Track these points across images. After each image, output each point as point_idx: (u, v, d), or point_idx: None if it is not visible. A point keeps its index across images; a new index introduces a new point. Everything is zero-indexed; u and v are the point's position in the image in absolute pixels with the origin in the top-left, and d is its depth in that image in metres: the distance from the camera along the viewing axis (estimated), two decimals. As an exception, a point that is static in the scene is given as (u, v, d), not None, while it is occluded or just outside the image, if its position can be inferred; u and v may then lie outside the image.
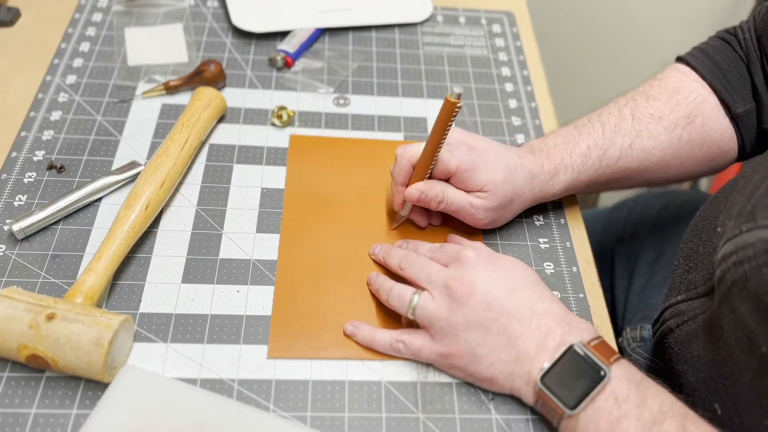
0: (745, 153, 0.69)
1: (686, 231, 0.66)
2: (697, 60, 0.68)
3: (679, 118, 0.66)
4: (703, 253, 0.58)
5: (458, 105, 0.57)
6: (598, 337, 0.52)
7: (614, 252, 0.86)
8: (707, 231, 0.59)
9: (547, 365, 0.50)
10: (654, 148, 0.65)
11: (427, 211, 0.66)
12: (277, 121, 0.74)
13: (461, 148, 0.61)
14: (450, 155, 0.60)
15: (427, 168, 0.61)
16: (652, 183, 0.70)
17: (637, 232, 0.85)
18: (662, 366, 0.62)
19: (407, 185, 0.62)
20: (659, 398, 0.48)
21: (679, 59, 0.70)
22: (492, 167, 0.60)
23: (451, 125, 0.58)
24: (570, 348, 0.50)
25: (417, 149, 0.61)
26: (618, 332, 0.75)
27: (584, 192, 0.69)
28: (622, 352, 0.71)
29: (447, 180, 0.62)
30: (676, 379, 0.57)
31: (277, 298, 0.60)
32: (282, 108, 0.75)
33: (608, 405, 0.48)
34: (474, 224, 0.64)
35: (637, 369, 0.51)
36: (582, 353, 0.50)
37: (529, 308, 0.53)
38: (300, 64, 0.82)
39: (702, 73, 0.67)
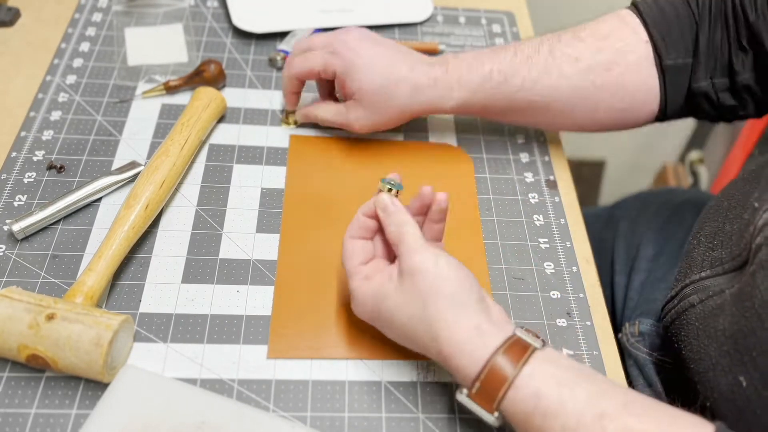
0: (666, 111, 0.68)
1: (702, 214, 0.65)
2: (645, 5, 0.67)
3: (597, 63, 0.65)
4: (730, 230, 0.58)
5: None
6: (492, 358, 0.48)
7: (614, 249, 0.86)
8: (735, 209, 0.58)
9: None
10: (561, 87, 0.66)
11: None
12: (286, 125, 0.75)
13: (337, 56, 0.66)
14: (330, 59, 0.67)
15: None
16: (556, 125, 0.71)
17: (636, 229, 0.86)
18: (672, 348, 0.62)
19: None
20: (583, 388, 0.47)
21: (632, 5, 0.69)
22: (367, 78, 0.65)
23: None
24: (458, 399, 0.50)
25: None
26: (618, 328, 0.76)
27: (483, 116, 0.71)
28: (622, 347, 0.71)
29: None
30: (692, 356, 0.57)
31: (276, 298, 0.60)
32: (289, 113, 0.75)
33: (528, 406, 0.47)
34: (352, 129, 0.70)
35: (556, 359, 0.49)
36: (468, 406, 0.49)
37: (425, 341, 0.52)
38: (300, 64, 0.82)
39: (644, 19, 0.66)
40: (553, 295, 0.63)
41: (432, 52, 0.85)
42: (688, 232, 0.73)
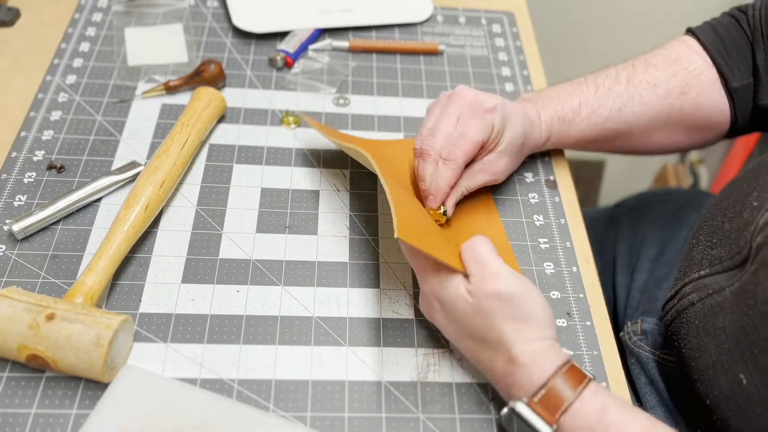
0: (737, 128, 0.71)
1: (703, 213, 0.66)
2: (703, 32, 0.70)
3: (673, 86, 0.68)
4: (729, 229, 0.58)
5: None
6: (559, 371, 0.50)
7: (616, 249, 0.87)
8: (734, 208, 0.59)
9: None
10: (643, 113, 0.68)
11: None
12: (286, 126, 0.75)
13: (489, 116, 0.62)
14: (490, 115, 0.62)
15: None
16: (638, 149, 0.73)
17: (638, 229, 0.86)
18: (673, 346, 0.63)
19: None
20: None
21: (688, 31, 0.72)
22: (515, 128, 0.64)
23: None
24: (512, 410, 0.50)
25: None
26: (619, 327, 0.76)
27: (570, 148, 0.73)
28: (624, 346, 0.71)
29: None
30: (692, 354, 0.58)
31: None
32: (289, 113, 0.75)
33: None
34: (494, 183, 0.66)
35: (606, 393, 0.50)
36: (524, 415, 0.49)
37: (477, 354, 0.54)
38: (300, 65, 0.82)
39: (705, 45, 0.69)
40: (553, 295, 0.63)
41: (432, 53, 0.85)
42: (689, 231, 0.73)
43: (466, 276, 0.52)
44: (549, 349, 0.51)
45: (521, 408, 0.49)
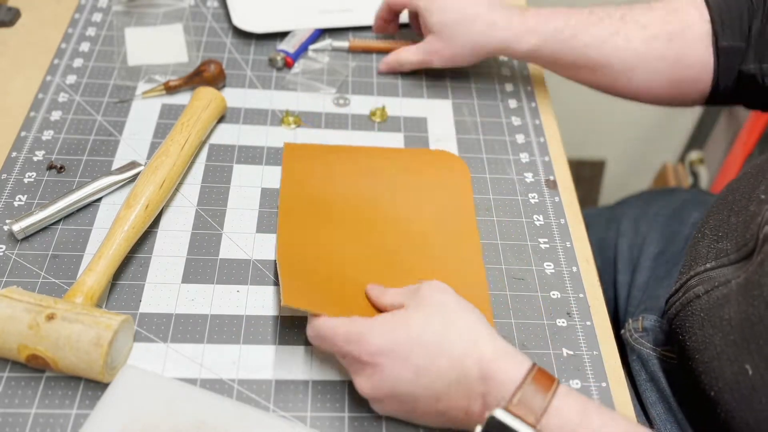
0: (718, 92, 0.72)
1: (708, 208, 0.66)
2: None
3: (662, 32, 0.70)
4: (735, 222, 0.59)
5: None
6: (528, 374, 0.48)
7: (616, 247, 0.87)
8: (740, 202, 0.59)
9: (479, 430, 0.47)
10: (625, 50, 0.71)
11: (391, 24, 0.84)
12: (286, 126, 0.75)
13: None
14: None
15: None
16: (618, 87, 0.75)
17: (639, 228, 0.86)
18: (676, 340, 0.63)
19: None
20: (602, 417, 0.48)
21: None
22: (446, 9, 0.74)
23: None
24: (491, 417, 0.46)
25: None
26: (620, 325, 0.76)
27: (549, 68, 0.77)
28: (625, 343, 0.71)
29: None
30: (697, 346, 0.58)
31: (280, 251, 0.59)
32: (289, 114, 0.75)
33: None
34: (431, 65, 0.78)
35: (577, 395, 0.49)
36: (504, 421, 0.46)
37: (446, 384, 0.49)
38: (300, 65, 0.82)
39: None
40: (553, 295, 0.63)
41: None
42: (691, 231, 0.73)
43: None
44: (504, 340, 0.50)
45: (501, 414, 0.46)
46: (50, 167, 0.68)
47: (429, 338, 0.49)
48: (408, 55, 0.79)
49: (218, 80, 0.77)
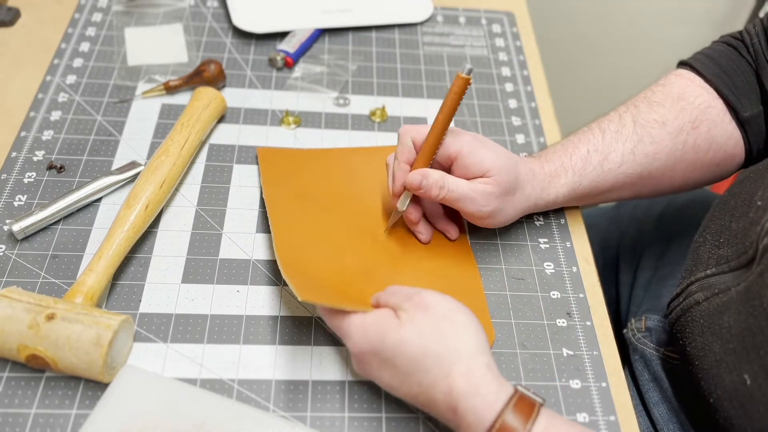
0: (752, 157, 0.69)
1: (710, 212, 0.66)
2: (701, 64, 0.68)
3: (684, 123, 0.65)
4: (736, 228, 0.58)
5: (470, 81, 0.58)
6: (499, 415, 0.46)
7: (619, 247, 0.87)
8: (741, 208, 0.59)
9: None
10: (657, 152, 0.65)
11: (420, 206, 0.64)
12: (286, 126, 0.75)
13: (464, 134, 0.60)
14: (453, 139, 0.59)
15: (434, 149, 0.59)
16: (657, 191, 0.69)
17: (642, 228, 0.86)
18: (677, 344, 0.62)
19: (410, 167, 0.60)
20: None
21: (683, 64, 0.70)
22: (495, 153, 0.59)
23: (459, 104, 0.58)
24: None
25: (423, 129, 0.60)
26: (622, 325, 0.76)
27: (589, 201, 0.68)
28: (627, 343, 0.71)
29: (447, 169, 0.61)
30: (697, 353, 0.58)
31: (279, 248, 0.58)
32: (289, 114, 0.75)
33: None
34: (475, 215, 0.60)
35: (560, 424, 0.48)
36: None
37: (419, 401, 0.50)
38: (300, 69, 0.82)
39: (707, 77, 0.67)
40: (553, 295, 0.63)
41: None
42: (694, 230, 0.73)
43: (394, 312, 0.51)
44: (489, 378, 0.48)
45: None
46: (50, 167, 0.68)
47: (410, 353, 0.49)
48: (454, 180, 0.60)
49: (218, 80, 0.77)
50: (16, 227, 0.61)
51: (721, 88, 0.66)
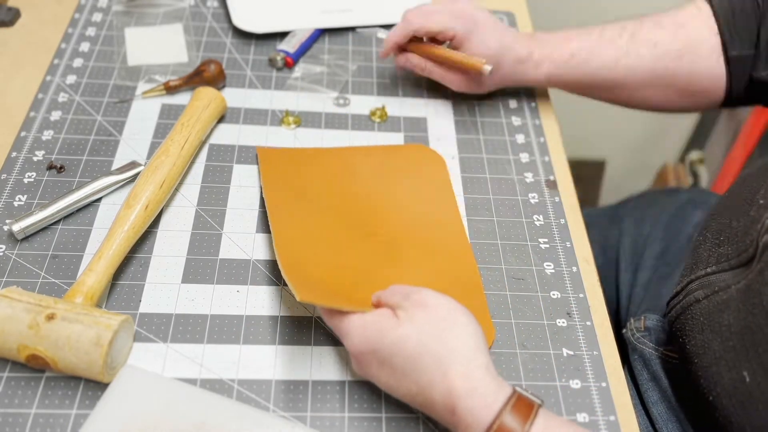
0: (731, 98, 0.73)
1: (710, 211, 0.66)
2: None
3: (672, 49, 0.71)
4: (736, 227, 0.59)
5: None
6: (497, 416, 0.46)
7: (619, 247, 0.87)
8: (742, 206, 0.59)
9: None
10: (637, 68, 0.72)
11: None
12: (286, 126, 0.75)
13: (460, 19, 0.71)
14: (451, 22, 0.71)
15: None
16: (632, 102, 0.77)
17: (642, 227, 0.86)
18: (676, 342, 0.63)
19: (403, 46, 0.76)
20: None
21: None
22: (484, 43, 0.71)
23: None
24: None
25: (428, 23, 0.73)
26: (622, 325, 0.76)
27: (567, 89, 0.77)
28: (626, 342, 0.71)
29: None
30: (696, 350, 0.58)
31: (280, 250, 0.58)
32: (289, 114, 0.75)
33: None
34: (449, 86, 0.76)
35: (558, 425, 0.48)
36: None
37: (417, 402, 0.50)
38: (300, 69, 0.82)
39: (715, 11, 0.71)
40: (553, 295, 0.63)
41: (476, 70, 0.73)
42: (693, 230, 0.73)
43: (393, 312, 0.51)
44: (488, 378, 0.48)
45: None
46: (50, 167, 0.68)
47: (408, 352, 0.49)
48: (433, 67, 0.76)
49: (218, 80, 0.77)
50: (16, 227, 0.61)
51: (722, 24, 0.70)
